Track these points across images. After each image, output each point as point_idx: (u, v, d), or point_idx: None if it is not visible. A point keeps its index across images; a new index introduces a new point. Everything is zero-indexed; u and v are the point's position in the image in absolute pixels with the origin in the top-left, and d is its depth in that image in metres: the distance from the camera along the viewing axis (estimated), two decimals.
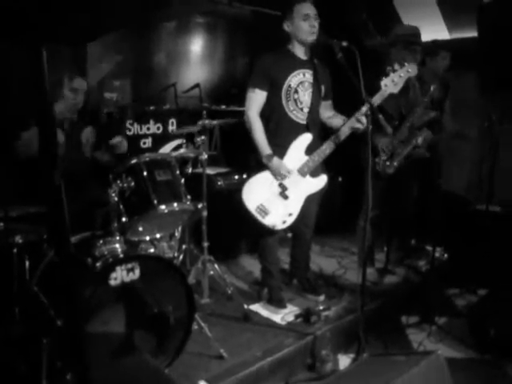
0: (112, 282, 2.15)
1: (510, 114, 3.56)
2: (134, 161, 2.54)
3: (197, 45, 4.86)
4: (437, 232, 3.53)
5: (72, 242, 2.33)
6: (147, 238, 2.77)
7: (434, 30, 4.58)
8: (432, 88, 3.54)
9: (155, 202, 2.47)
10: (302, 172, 2.95)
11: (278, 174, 2.91)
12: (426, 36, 4.49)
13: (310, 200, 3.03)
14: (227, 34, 5.01)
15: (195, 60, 4.85)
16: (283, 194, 2.93)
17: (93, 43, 4.05)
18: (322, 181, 3.02)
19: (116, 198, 2.45)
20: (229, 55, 5.04)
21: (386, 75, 2.84)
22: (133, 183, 2.50)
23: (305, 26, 2.88)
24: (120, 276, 2.17)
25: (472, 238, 3.94)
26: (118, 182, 2.48)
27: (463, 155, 4.75)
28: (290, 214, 2.94)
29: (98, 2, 3.70)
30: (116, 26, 4.11)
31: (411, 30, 3.66)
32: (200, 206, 3.09)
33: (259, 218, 2.89)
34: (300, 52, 2.99)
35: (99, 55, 4.16)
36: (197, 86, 4.24)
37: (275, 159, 2.89)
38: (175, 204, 2.54)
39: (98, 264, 2.21)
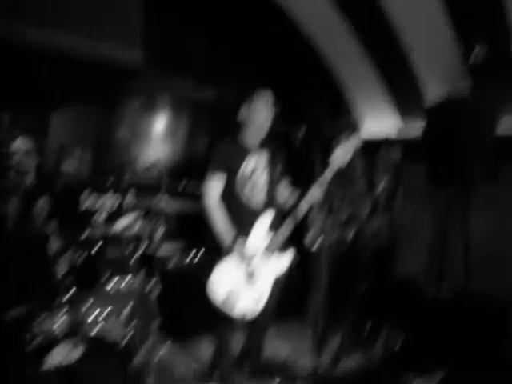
0: (49, 363, 2.02)
1: (458, 203, 3.72)
2: (85, 235, 2.49)
3: (160, 122, 4.98)
4: (391, 316, 3.53)
5: (10, 316, 2.20)
6: (93, 315, 2.65)
7: (388, 120, 4.86)
8: (381, 187, 3.83)
9: (104, 278, 2.41)
10: (267, 253, 2.91)
11: (242, 261, 2.84)
12: (381, 125, 4.78)
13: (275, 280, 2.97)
14: (191, 115, 5.16)
15: (157, 137, 4.94)
16: (250, 280, 2.85)
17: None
18: (288, 257, 2.98)
19: (64, 272, 2.37)
20: (191, 134, 5.17)
21: (334, 150, 2.94)
22: (83, 258, 2.43)
23: (259, 118, 2.98)
24: (58, 357, 2.04)
25: (425, 322, 3.94)
26: (68, 254, 2.41)
27: (416, 240, 4.86)
28: (260, 299, 2.85)
29: (67, 74, 3.79)
30: (81, 98, 4.19)
31: (350, 122, 4.43)
32: (151, 284, 3.00)
33: (227, 311, 2.79)
34: (254, 138, 3.05)
35: (62, 121, 4.19)
36: (157, 162, 4.29)
37: (237, 247, 2.83)
38: (125, 281, 2.47)
39: (34, 342, 2.08)
